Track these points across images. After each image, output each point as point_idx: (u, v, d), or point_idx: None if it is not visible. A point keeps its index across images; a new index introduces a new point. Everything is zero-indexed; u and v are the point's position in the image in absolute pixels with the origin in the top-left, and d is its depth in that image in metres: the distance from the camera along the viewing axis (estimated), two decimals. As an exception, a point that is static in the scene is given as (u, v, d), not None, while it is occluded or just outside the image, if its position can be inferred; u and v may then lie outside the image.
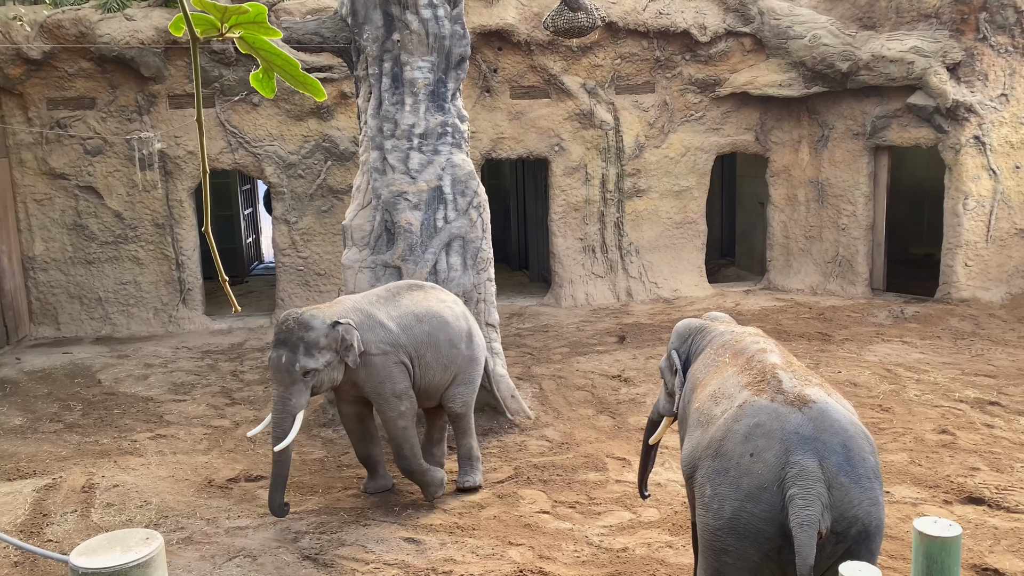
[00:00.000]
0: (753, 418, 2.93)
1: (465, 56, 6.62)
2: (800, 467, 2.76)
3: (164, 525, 4.97)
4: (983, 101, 9.44)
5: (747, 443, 2.89)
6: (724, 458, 2.94)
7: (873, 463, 2.89)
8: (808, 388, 3.02)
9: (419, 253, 6.38)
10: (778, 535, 2.79)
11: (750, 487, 2.83)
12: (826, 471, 2.76)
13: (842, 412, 2.95)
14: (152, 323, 9.99)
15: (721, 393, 3.23)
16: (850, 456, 2.81)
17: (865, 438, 2.94)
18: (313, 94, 1.32)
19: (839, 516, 2.75)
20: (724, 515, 2.89)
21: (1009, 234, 9.85)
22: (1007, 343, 8.38)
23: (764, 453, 2.84)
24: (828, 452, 2.79)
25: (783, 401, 2.95)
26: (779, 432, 2.85)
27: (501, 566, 4.43)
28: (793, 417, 2.87)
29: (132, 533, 1.84)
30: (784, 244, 11.14)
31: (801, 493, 2.72)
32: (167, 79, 9.57)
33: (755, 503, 2.81)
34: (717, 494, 2.93)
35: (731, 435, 2.96)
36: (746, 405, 3.00)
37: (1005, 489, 5.12)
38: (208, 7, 1.17)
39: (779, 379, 3.08)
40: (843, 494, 2.76)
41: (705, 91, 10.60)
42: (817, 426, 2.85)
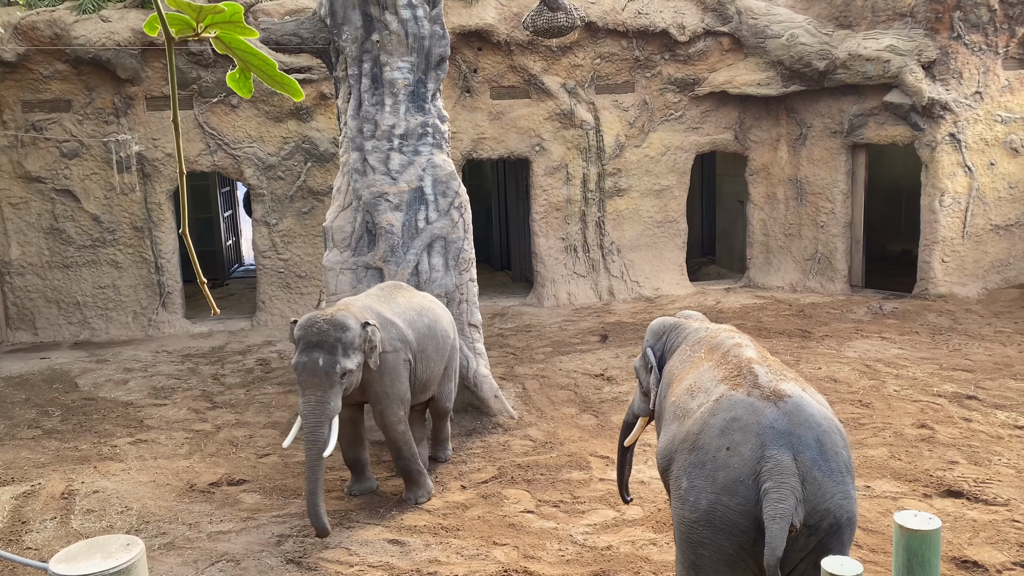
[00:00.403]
0: (729, 412, 2.97)
1: (445, 56, 6.61)
2: (775, 461, 2.80)
3: (145, 531, 4.92)
4: (958, 99, 9.55)
5: (724, 437, 2.92)
6: (701, 451, 2.97)
7: (846, 457, 2.93)
8: (783, 383, 3.05)
9: (401, 254, 6.37)
10: (753, 528, 2.82)
11: (726, 480, 2.86)
12: (800, 465, 2.80)
13: (816, 407, 2.99)
14: (131, 327, 9.90)
15: (697, 387, 3.26)
16: (824, 451, 2.85)
17: (838, 432, 2.98)
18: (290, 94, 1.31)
19: (812, 510, 2.79)
20: (700, 507, 2.92)
21: (984, 230, 9.97)
22: (984, 338, 8.47)
23: (740, 447, 2.87)
24: (802, 446, 2.83)
25: (759, 396, 2.98)
26: (755, 426, 2.88)
27: (486, 566, 4.43)
28: (769, 411, 2.91)
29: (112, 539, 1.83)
30: (764, 242, 11.21)
31: (776, 487, 2.76)
32: (144, 81, 9.48)
33: (731, 496, 2.84)
34: (693, 487, 2.95)
35: (708, 429, 2.99)
36: (723, 399, 3.04)
37: (983, 482, 5.18)
38: (183, 7, 1.16)
39: (755, 374, 3.11)
40: (816, 488, 2.80)
41: (684, 90, 10.65)
42: (792, 420, 2.88)
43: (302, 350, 4.72)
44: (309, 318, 4.81)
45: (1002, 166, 9.89)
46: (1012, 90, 9.76)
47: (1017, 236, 10.12)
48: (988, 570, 4.20)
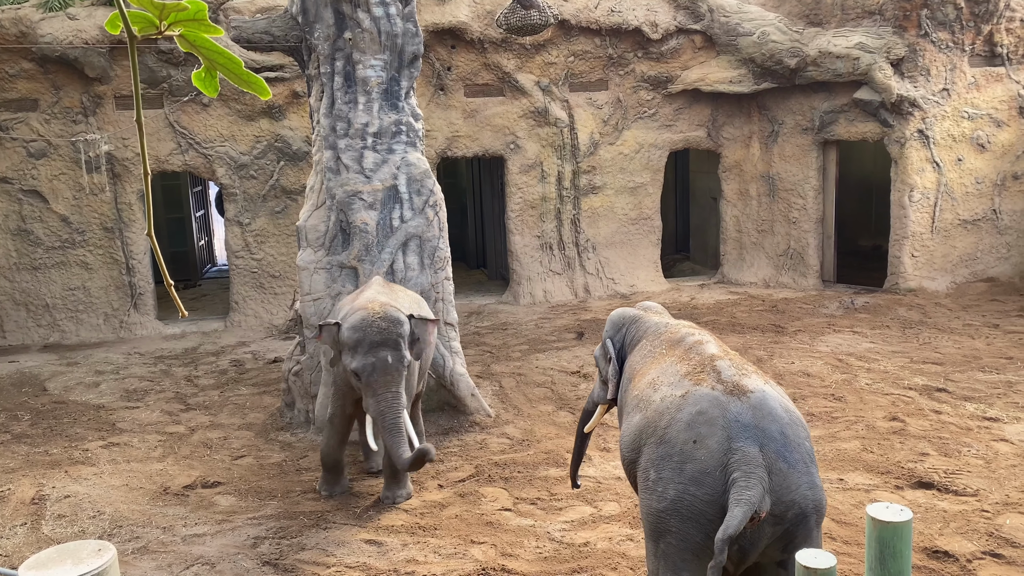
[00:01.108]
0: (695, 406, 3.05)
1: (418, 54, 6.59)
2: (743, 453, 2.88)
3: (118, 535, 4.87)
4: (926, 96, 9.68)
5: (690, 430, 3.00)
6: (668, 444, 3.05)
7: (808, 448, 3.03)
8: (746, 378, 3.14)
9: (375, 253, 6.34)
10: (719, 517, 2.89)
11: (694, 471, 2.94)
12: (766, 457, 2.89)
13: (778, 400, 3.09)
14: (102, 329, 9.78)
15: (660, 381, 3.33)
16: (788, 443, 2.94)
17: (800, 424, 3.07)
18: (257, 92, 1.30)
19: (777, 500, 2.87)
20: (667, 497, 3.00)
21: (953, 225, 10.11)
22: (953, 331, 8.60)
23: (707, 440, 2.95)
24: (767, 439, 2.92)
25: (723, 390, 3.07)
26: (721, 420, 2.97)
27: (463, 565, 4.42)
28: (733, 405, 3.00)
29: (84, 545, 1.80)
30: (737, 238, 11.29)
31: (744, 476, 2.84)
32: (113, 79, 9.36)
33: (698, 486, 2.93)
34: (661, 478, 3.03)
35: (675, 423, 3.06)
36: (688, 394, 3.12)
37: (953, 473, 5.25)
38: (146, 4, 1.14)
39: (718, 369, 3.19)
40: (782, 479, 2.88)
41: (657, 88, 10.69)
42: (756, 414, 2.97)
43: (367, 351, 4.75)
44: (363, 318, 4.81)
45: (969, 162, 10.03)
46: (978, 87, 9.90)
47: (984, 231, 10.27)
48: (959, 560, 4.26)
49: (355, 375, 4.82)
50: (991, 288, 10.08)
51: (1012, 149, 10.15)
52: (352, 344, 4.80)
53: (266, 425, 6.78)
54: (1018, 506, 4.80)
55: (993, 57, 9.91)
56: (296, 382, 6.70)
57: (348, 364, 4.85)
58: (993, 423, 6.07)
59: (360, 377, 4.79)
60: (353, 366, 4.78)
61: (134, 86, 1.24)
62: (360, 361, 4.75)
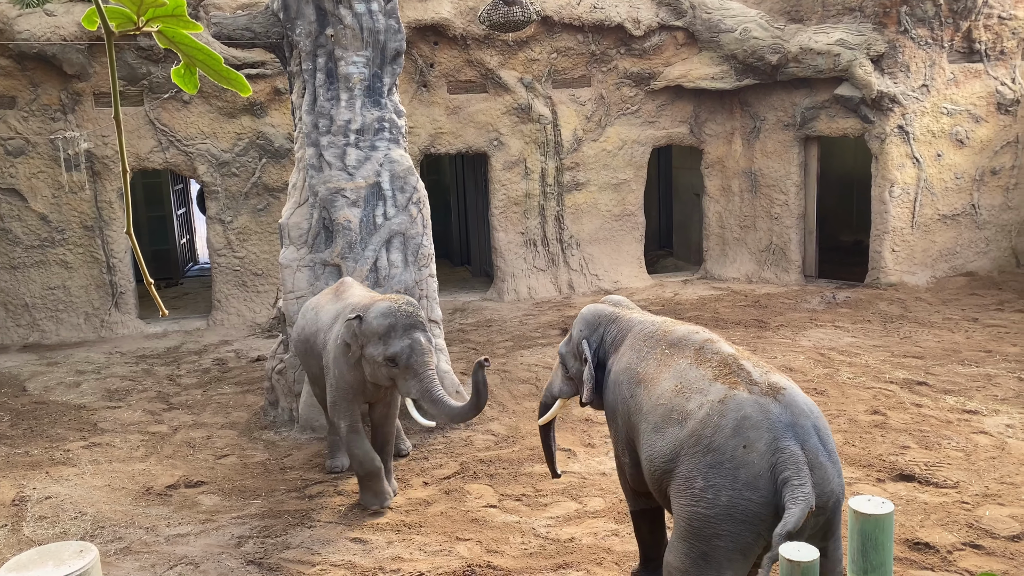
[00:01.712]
0: (739, 411, 3.10)
1: (400, 51, 6.55)
2: (789, 452, 2.98)
3: (100, 536, 4.83)
4: (906, 92, 9.75)
5: (738, 436, 3.07)
6: (717, 452, 3.09)
7: (833, 439, 3.18)
8: (772, 376, 3.24)
9: (359, 250, 6.32)
10: (772, 516, 3.00)
11: (747, 476, 3.02)
12: (808, 453, 3.00)
13: (804, 395, 3.22)
14: (83, 328, 9.69)
15: (687, 388, 3.32)
16: (821, 437, 3.07)
17: (822, 416, 3.21)
18: (237, 89, 1.28)
19: (820, 492, 2.97)
20: (720, 504, 3.06)
21: (932, 220, 10.20)
22: (933, 325, 8.67)
23: (756, 443, 3.03)
24: (806, 435, 3.03)
25: (759, 392, 3.15)
26: (765, 422, 3.05)
27: (449, 562, 4.41)
28: (773, 407, 3.08)
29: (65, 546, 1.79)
30: (720, 234, 11.33)
31: (795, 475, 2.94)
32: (92, 76, 9.27)
33: (753, 490, 3.01)
34: (712, 485, 3.08)
35: (720, 430, 3.11)
36: (728, 400, 3.16)
37: (933, 465, 5.30)
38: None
39: (746, 370, 3.26)
40: (822, 473, 3.00)
41: (640, 84, 10.71)
42: (792, 412, 3.07)
43: (402, 334, 4.72)
44: (387, 307, 4.80)
45: (948, 157, 10.12)
46: (957, 83, 9.99)
47: (963, 225, 10.36)
48: (939, 551, 4.30)
49: (391, 361, 4.72)
50: (970, 282, 10.17)
51: (990, 144, 10.25)
52: (383, 331, 4.74)
53: (249, 424, 6.74)
54: (997, 497, 4.84)
55: (971, 53, 10.00)
56: (279, 380, 6.66)
57: (380, 353, 4.74)
58: (973, 416, 6.13)
59: (398, 362, 4.71)
60: (389, 352, 4.71)
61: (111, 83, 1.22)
62: (396, 345, 4.70)
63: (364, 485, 5.15)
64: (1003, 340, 8.06)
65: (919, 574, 4.11)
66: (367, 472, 5.11)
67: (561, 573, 4.28)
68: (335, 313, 5.24)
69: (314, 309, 5.52)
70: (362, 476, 5.14)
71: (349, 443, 5.12)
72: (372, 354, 4.79)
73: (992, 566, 4.14)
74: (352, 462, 5.17)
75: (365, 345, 4.82)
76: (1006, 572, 4.09)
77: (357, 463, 5.12)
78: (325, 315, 5.34)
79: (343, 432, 5.13)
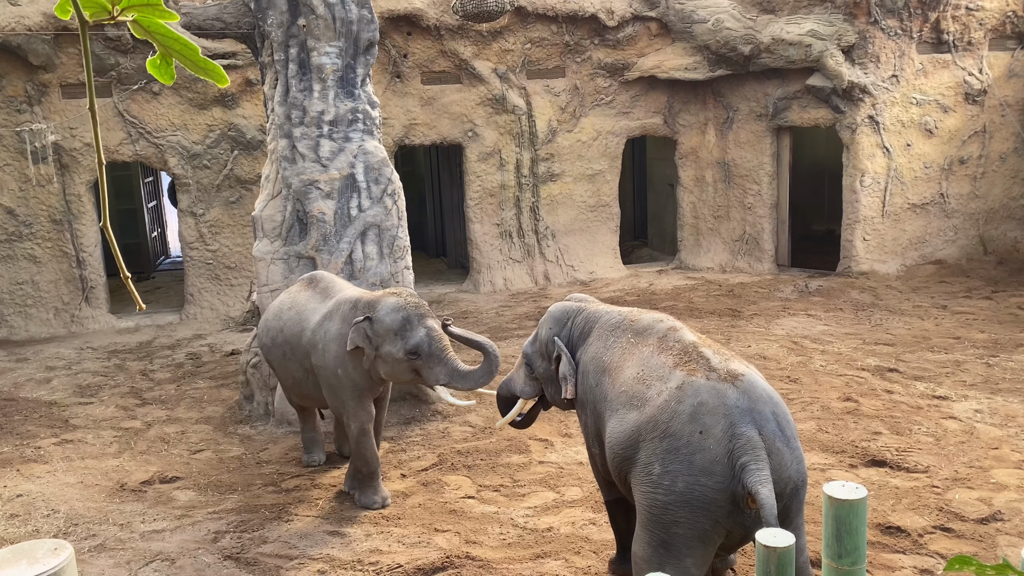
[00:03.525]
0: (695, 398, 3.10)
1: (373, 41, 6.50)
2: (746, 438, 2.99)
3: (74, 533, 4.77)
4: (876, 82, 9.83)
5: (695, 422, 3.06)
6: (674, 438, 3.09)
7: (793, 424, 3.18)
8: (732, 363, 3.24)
9: (333, 243, 6.28)
10: (729, 502, 3.01)
11: (704, 462, 3.01)
12: (765, 439, 3.01)
13: (763, 382, 3.22)
14: (53, 324, 9.55)
15: (648, 375, 3.33)
16: (779, 422, 3.08)
17: (782, 402, 3.22)
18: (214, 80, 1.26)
19: (777, 479, 2.99)
20: (676, 490, 3.05)
21: (902, 209, 10.31)
22: (903, 312, 8.78)
23: (712, 429, 3.03)
24: (764, 421, 3.04)
25: (717, 378, 3.15)
26: (722, 408, 3.05)
27: (428, 553, 4.40)
28: (730, 392, 3.09)
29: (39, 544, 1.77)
30: (694, 224, 11.38)
31: (753, 460, 2.95)
32: (58, 67, 9.11)
33: (709, 476, 3.00)
34: (668, 471, 3.08)
35: (677, 416, 3.10)
36: (685, 386, 3.16)
37: (904, 451, 5.36)
38: (97, -12, 1.10)
39: (705, 357, 3.26)
40: (779, 458, 3.01)
41: (614, 75, 10.72)
42: (750, 398, 3.08)
43: (417, 324, 4.65)
44: (396, 302, 4.72)
45: (917, 147, 10.22)
46: (926, 73, 10.09)
47: (932, 214, 10.48)
48: (911, 534, 4.35)
49: (413, 354, 4.62)
50: (939, 270, 10.29)
51: (958, 134, 10.36)
52: (398, 326, 4.64)
53: (225, 418, 6.68)
54: (966, 481, 4.91)
55: (940, 44, 10.09)
56: (254, 374, 6.61)
57: (400, 348, 4.64)
58: (942, 401, 6.21)
59: (420, 353, 4.62)
60: (410, 345, 4.62)
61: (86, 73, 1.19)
62: (415, 337, 4.62)
63: (367, 484, 5.06)
64: (971, 327, 8.17)
65: (892, 558, 4.16)
66: (371, 471, 5.04)
67: (539, 563, 4.28)
68: (324, 311, 5.05)
69: (293, 308, 5.29)
70: (366, 475, 5.04)
71: (360, 444, 4.99)
72: (391, 352, 4.67)
73: (962, 549, 4.20)
74: (358, 461, 5.05)
75: (380, 345, 4.70)
76: (975, 554, 4.15)
77: (363, 462, 5.02)
78: (310, 313, 5.14)
79: (354, 433, 4.99)
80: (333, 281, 5.38)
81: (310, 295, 5.29)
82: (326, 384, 5.01)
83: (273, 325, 5.37)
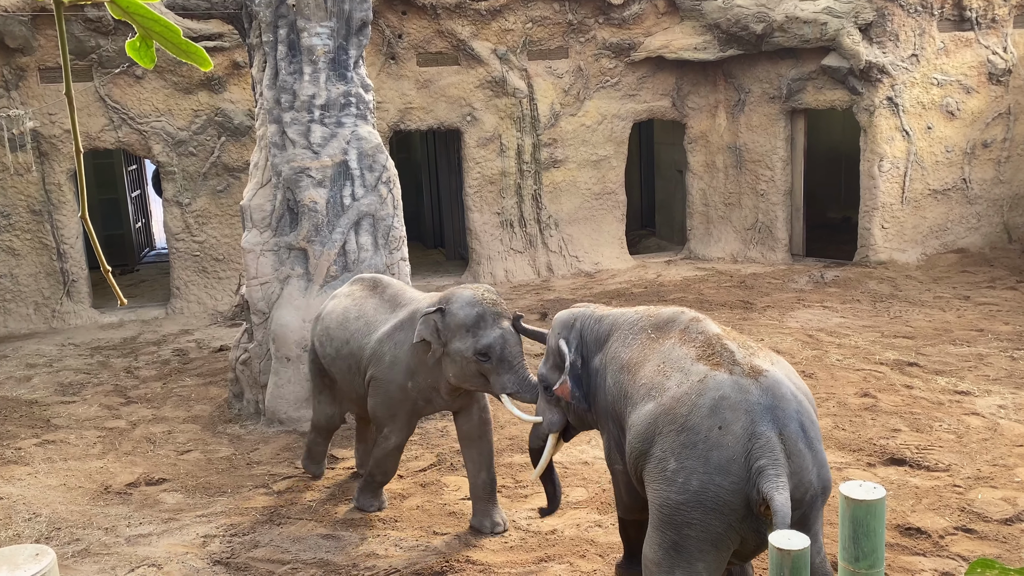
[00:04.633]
0: (717, 391, 3.02)
1: (367, 21, 6.38)
2: (766, 438, 2.91)
3: (57, 538, 4.70)
4: (895, 62, 9.65)
5: (714, 416, 2.98)
6: (691, 432, 3.01)
7: (818, 425, 3.11)
8: (757, 358, 3.15)
9: (326, 233, 6.18)
10: (743, 506, 2.93)
11: (720, 460, 2.94)
12: (785, 440, 2.93)
13: (789, 377, 3.15)
14: (33, 319, 9.44)
15: (669, 366, 3.25)
16: (803, 423, 2.99)
17: (810, 400, 3.15)
18: (197, 63, 1.26)
19: (797, 483, 2.91)
20: (690, 488, 2.97)
21: (923, 195, 10.17)
22: (923, 304, 8.68)
23: (732, 425, 2.95)
24: (787, 420, 2.96)
25: (741, 373, 3.07)
26: (743, 404, 2.97)
27: (426, 557, 4.34)
28: (753, 389, 3.01)
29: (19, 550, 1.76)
30: (704, 212, 11.26)
31: (771, 464, 2.87)
32: (37, 50, 8.97)
33: (724, 476, 2.93)
34: (683, 467, 2.99)
35: (697, 409, 3.03)
36: (707, 379, 3.09)
37: (925, 449, 5.28)
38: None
39: (730, 350, 3.17)
40: (800, 462, 2.93)
41: (620, 56, 10.56)
42: (774, 396, 3.00)
43: (492, 324, 4.35)
44: (472, 296, 4.42)
45: (939, 130, 10.06)
46: (947, 52, 9.91)
47: (954, 200, 10.35)
48: (931, 536, 4.28)
49: (483, 355, 4.34)
50: (961, 259, 10.20)
51: (981, 116, 10.20)
52: (471, 322, 4.37)
53: (213, 417, 6.62)
54: (989, 480, 4.84)
55: (962, 21, 9.92)
56: (244, 371, 6.53)
57: (470, 347, 4.35)
58: (964, 397, 6.13)
59: (490, 355, 4.34)
60: (481, 344, 4.33)
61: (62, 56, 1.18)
62: (488, 336, 4.33)
63: (370, 489, 4.93)
64: (995, 319, 8.08)
65: (911, 560, 4.09)
66: (384, 482, 4.93)
67: (543, 566, 4.23)
68: (395, 321, 4.77)
69: (361, 318, 4.96)
70: (379, 482, 4.91)
71: (390, 457, 4.80)
72: (459, 349, 4.37)
73: (985, 550, 4.13)
74: (377, 470, 4.87)
75: (449, 340, 4.42)
76: (999, 556, 4.08)
77: (382, 473, 4.86)
78: (380, 324, 4.85)
79: (391, 446, 4.77)
80: (402, 288, 5.08)
81: (377, 303, 4.97)
82: (383, 395, 4.73)
83: (338, 336, 4.99)
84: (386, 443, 4.77)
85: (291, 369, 6.14)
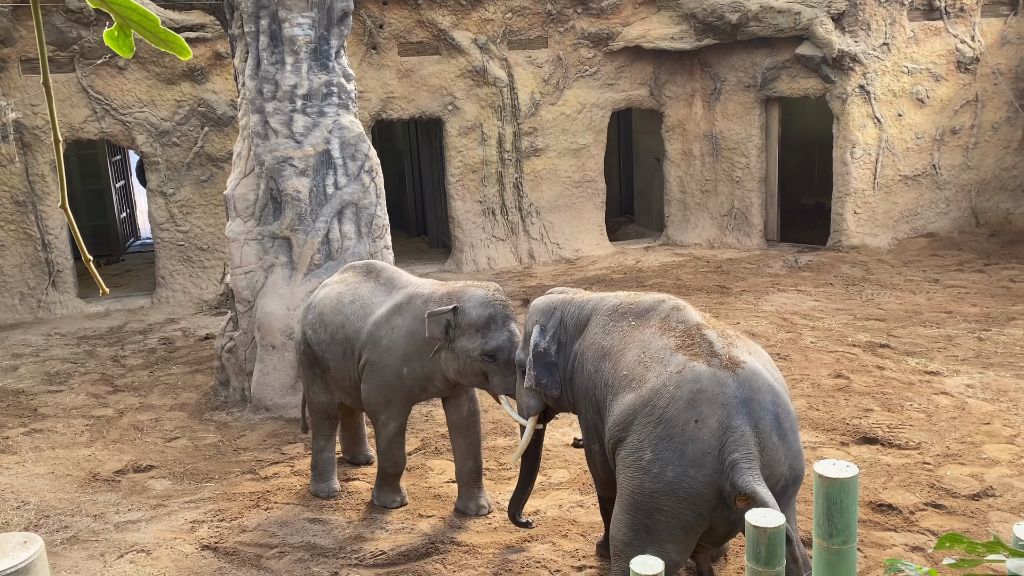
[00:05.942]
0: (695, 384, 3.03)
1: (348, 11, 6.35)
2: (740, 432, 2.93)
3: (45, 526, 4.69)
4: (867, 50, 9.70)
5: (691, 409, 2.99)
6: (668, 424, 3.02)
7: (794, 415, 3.12)
8: (735, 349, 3.16)
9: (309, 222, 6.16)
10: (715, 496, 2.95)
11: (695, 452, 2.95)
12: (759, 433, 2.95)
13: (766, 368, 3.16)
14: (19, 309, 9.35)
15: (648, 357, 3.24)
16: (778, 415, 3.02)
17: (785, 391, 3.16)
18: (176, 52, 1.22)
19: (769, 474, 2.94)
20: (664, 479, 2.99)
21: (894, 181, 10.23)
22: (895, 287, 8.74)
23: (708, 419, 2.96)
24: (762, 413, 2.98)
25: (719, 365, 3.06)
26: (720, 397, 2.98)
27: (412, 539, 4.36)
28: (730, 381, 3.01)
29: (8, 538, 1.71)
30: (681, 199, 11.27)
31: (744, 458, 2.90)
32: (18, 41, 8.85)
33: (698, 468, 2.94)
34: (659, 459, 3.01)
35: (674, 401, 3.03)
36: (685, 371, 3.08)
37: (896, 427, 5.35)
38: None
39: (709, 340, 3.16)
40: (772, 454, 2.96)
41: (598, 45, 10.53)
42: (750, 388, 3.01)
43: (501, 326, 4.30)
44: (484, 296, 4.36)
45: (909, 117, 10.13)
46: (917, 41, 9.97)
47: (924, 186, 10.41)
48: (902, 511, 4.35)
49: (489, 357, 4.29)
50: (931, 243, 10.27)
51: (950, 104, 10.28)
52: (482, 323, 4.31)
53: (200, 405, 6.60)
54: (958, 457, 4.91)
55: (931, 11, 9.97)
56: (230, 359, 6.52)
57: (478, 347, 4.30)
58: (934, 377, 6.20)
59: (497, 357, 4.29)
60: (489, 346, 4.28)
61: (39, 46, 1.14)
62: (497, 339, 4.28)
63: (389, 483, 4.83)
64: (963, 301, 8.17)
65: (883, 536, 4.15)
66: (398, 472, 4.83)
67: (526, 547, 4.25)
68: (391, 304, 4.68)
69: (356, 301, 4.84)
70: (392, 475, 4.81)
71: (395, 444, 4.72)
72: (467, 348, 4.33)
73: (953, 525, 4.19)
74: (387, 462, 4.78)
75: (458, 338, 4.36)
76: (967, 530, 4.15)
77: (393, 464, 4.76)
78: (376, 307, 4.75)
79: (391, 433, 4.70)
80: (397, 273, 4.99)
81: (373, 287, 4.88)
82: (378, 380, 4.64)
83: (333, 320, 4.86)
84: (385, 431, 4.70)
85: (276, 357, 6.13)
